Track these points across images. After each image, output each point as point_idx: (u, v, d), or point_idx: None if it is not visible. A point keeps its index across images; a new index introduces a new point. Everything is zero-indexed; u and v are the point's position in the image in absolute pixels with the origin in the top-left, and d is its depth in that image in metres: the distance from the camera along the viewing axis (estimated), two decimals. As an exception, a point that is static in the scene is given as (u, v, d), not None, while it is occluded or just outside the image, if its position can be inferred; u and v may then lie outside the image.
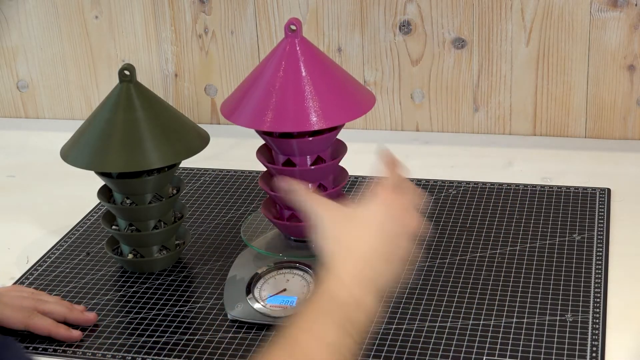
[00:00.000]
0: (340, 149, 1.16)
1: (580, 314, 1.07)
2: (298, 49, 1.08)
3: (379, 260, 0.89)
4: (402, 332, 1.06)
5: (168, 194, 1.20)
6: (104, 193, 1.19)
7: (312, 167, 1.11)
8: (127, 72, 1.14)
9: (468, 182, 1.41)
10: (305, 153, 1.11)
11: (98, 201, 1.41)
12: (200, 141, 1.17)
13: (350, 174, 1.34)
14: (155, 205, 1.17)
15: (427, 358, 1.02)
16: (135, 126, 1.12)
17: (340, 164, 1.18)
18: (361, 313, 0.86)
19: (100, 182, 1.20)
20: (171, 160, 1.12)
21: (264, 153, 1.14)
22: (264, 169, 1.16)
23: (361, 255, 0.89)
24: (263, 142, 1.14)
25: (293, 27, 1.08)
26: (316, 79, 1.07)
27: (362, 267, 0.88)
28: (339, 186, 1.15)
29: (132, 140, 1.11)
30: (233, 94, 1.12)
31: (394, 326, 1.07)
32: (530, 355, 1.01)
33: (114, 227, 1.21)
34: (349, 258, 0.89)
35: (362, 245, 0.90)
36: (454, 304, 1.11)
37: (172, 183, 1.22)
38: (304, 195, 0.96)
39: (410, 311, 1.10)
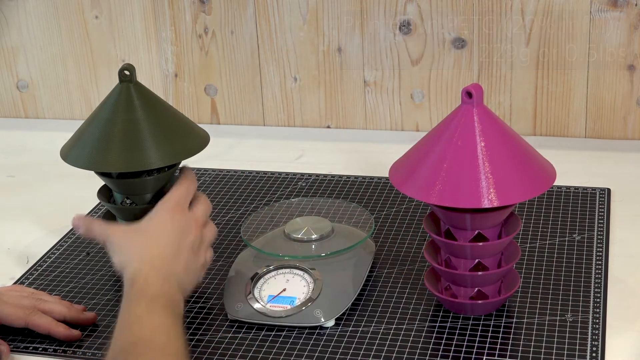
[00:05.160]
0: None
1: (580, 314, 1.07)
2: (475, 118, 1.01)
3: (175, 263, 1.00)
4: (402, 332, 1.06)
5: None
6: (104, 193, 1.19)
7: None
8: (127, 72, 1.14)
9: (468, 182, 1.41)
10: (477, 227, 1.05)
11: (98, 201, 1.41)
12: (200, 141, 1.17)
13: (349, 174, 1.35)
14: (150, 207, 1.17)
15: (427, 358, 1.02)
16: (135, 126, 1.12)
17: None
18: (171, 302, 0.96)
19: (100, 182, 1.19)
20: (171, 160, 1.12)
21: (430, 223, 1.09)
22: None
23: (155, 257, 0.99)
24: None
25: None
26: (492, 151, 1.00)
27: (162, 269, 0.98)
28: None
29: (132, 140, 1.11)
30: (405, 158, 1.08)
31: (394, 326, 1.07)
32: (530, 355, 1.01)
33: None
34: (148, 265, 0.98)
35: (153, 249, 1.00)
36: (454, 304, 1.11)
37: (172, 183, 1.22)
38: (95, 228, 1.07)
39: (410, 311, 1.10)
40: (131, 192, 1.16)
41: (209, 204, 1.10)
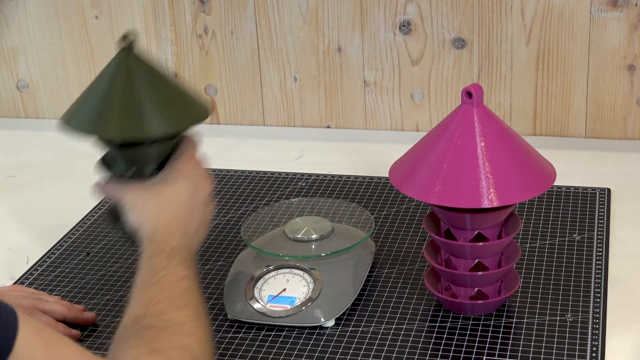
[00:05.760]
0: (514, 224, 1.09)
1: (580, 314, 1.07)
2: (475, 118, 1.01)
3: (190, 224, 1.01)
4: (402, 332, 1.06)
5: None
6: (106, 163, 1.13)
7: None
8: (127, 39, 1.10)
9: (468, 182, 1.41)
10: (477, 227, 1.05)
11: (98, 201, 1.41)
12: (202, 110, 1.12)
13: (349, 174, 1.35)
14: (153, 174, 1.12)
15: (427, 358, 1.02)
16: (136, 93, 1.08)
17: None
18: (190, 256, 0.97)
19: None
20: (173, 128, 1.08)
21: (430, 223, 1.09)
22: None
23: (172, 215, 1.00)
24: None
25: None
26: (492, 151, 1.00)
27: (178, 228, 0.99)
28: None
29: (135, 108, 1.07)
30: (405, 158, 1.07)
31: (394, 326, 1.07)
32: (530, 355, 1.01)
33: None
34: (164, 224, 0.99)
35: (169, 208, 1.00)
36: (454, 304, 1.11)
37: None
38: (109, 188, 1.05)
39: (410, 311, 1.10)
40: (133, 161, 1.11)
41: (206, 158, 1.10)
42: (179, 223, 1.00)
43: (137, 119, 1.07)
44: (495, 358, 1.01)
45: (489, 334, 1.05)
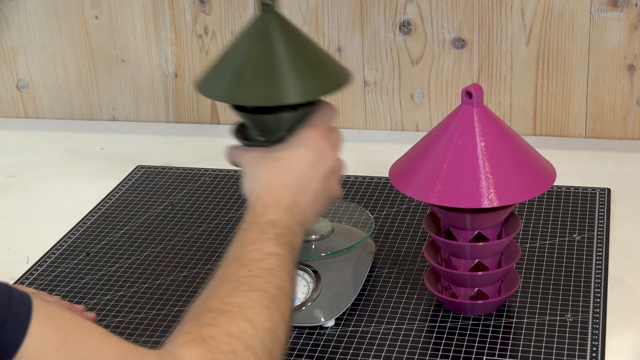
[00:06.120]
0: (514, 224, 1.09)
1: (580, 314, 1.07)
2: (475, 118, 1.01)
3: (301, 196, 0.93)
4: (402, 332, 1.06)
5: None
6: (240, 130, 1.11)
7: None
8: (268, 2, 1.05)
9: (468, 182, 1.41)
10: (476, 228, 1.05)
11: (98, 201, 1.41)
12: (341, 77, 1.07)
13: (350, 174, 1.35)
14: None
15: (427, 358, 1.02)
16: (273, 58, 1.04)
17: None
18: (289, 232, 0.89)
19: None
20: (309, 95, 1.03)
21: (430, 223, 1.09)
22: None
23: (281, 185, 0.93)
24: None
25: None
26: (492, 151, 1.00)
27: (284, 199, 0.92)
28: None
29: (269, 73, 1.03)
30: (405, 158, 1.07)
31: (394, 326, 1.07)
32: (530, 355, 1.01)
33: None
34: (269, 193, 0.92)
35: (280, 177, 0.94)
36: (454, 304, 1.11)
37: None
38: (231, 152, 1.01)
39: (410, 311, 1.10)
40: (264, 128, 1.08)
41: (342, 134, 1.01)
42: (288, 193, 0.92)
43: (273, 85, 1.02)
44: (495, 358, 1.01)
45: (489, 334, 1.05)
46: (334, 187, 0.97)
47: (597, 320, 1.06)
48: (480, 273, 1.06)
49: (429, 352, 1.03)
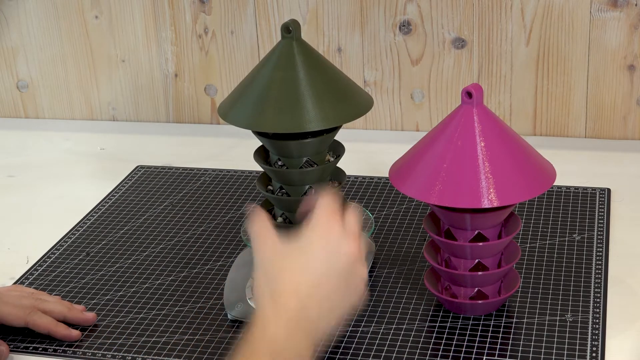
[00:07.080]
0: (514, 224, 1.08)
1: (580, 314, 1.07)
2: (475, 118, 1.01)
3: (316, 298, 0.84)
4: (402, 332, 1.06)
5: (324, 160, 1.13)
6: (260, 154, 1.13)
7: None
8: (290, 28, 1.07)
9: (468, 182, 1.41)
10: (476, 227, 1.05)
11: (98, 201, 1.41)
12: (363, 104, 1.08)
13: (350, 174, 1.35)
14: (306, 171, 1.10)
15: (427, 358, 1.02)
16: (295, 85, 1.05)
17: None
18: (288, 351, 0.82)
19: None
20: (330, 124, 1.05)
21: (430, 223, 1.09)
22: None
23: (293, 292, 0.83)
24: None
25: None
26: (492, 151, 1.00)
27: (292, 304, 0.83)
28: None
29: (291, 100, 1.04)
30: (405, 158, 1.07)
31: (394, 326, 1.07)
32: (530, 355, 1.01)
33: (269, 187, 1.15)
34: (277, 295, 0.83)
35: (295, 281, 0.84)
36: (454, 304, 1.11)
37: (331, 149, 1.16)
38: (256, 229, 0.88)
39: (410, 311, 1.10)
40: (285, 154, 1.09)
41: (359, 214, 0.91)
42: (307, 289, 0.84)
43: (295, 112, 1.04)
44: (495, 358, 1.01)
45: (489, 334, 1.05)
46: (359, 272, 0.88)
47: (597, 321, 1.06)
48: (480, 273, 1.06)
49: (429, 352, 1.03)
